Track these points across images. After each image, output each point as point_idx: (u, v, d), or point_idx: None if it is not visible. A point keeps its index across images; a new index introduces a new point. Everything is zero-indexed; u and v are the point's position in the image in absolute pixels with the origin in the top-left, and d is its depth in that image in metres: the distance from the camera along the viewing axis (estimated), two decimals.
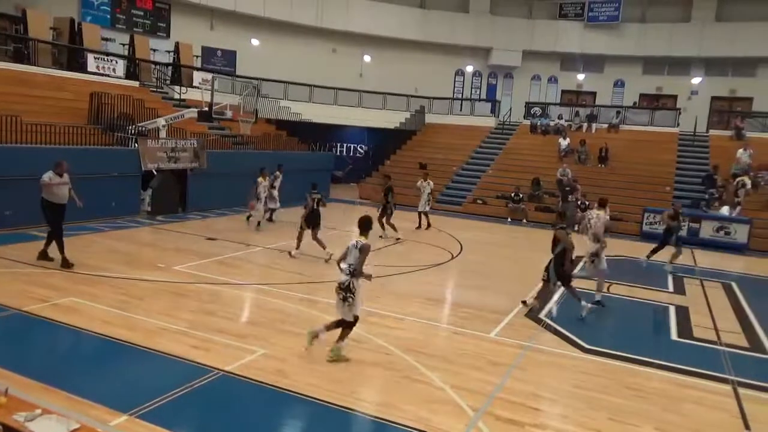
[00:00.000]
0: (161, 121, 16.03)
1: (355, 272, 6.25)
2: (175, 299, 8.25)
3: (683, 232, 17.62)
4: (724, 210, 18.53)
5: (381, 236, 14.09)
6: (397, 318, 8.19)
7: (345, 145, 30.47)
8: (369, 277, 6.47)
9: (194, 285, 9.05)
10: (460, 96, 32.46)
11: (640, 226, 18.55)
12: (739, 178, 19.83)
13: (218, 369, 5.90)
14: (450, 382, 6.03)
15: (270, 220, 15.61)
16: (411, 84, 29.73)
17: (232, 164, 17.88)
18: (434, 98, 29.71)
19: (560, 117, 27.23)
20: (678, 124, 25.99)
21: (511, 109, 30.39)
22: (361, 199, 22.84)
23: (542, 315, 8.90)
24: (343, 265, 6.38)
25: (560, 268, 8.79)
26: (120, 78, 19.88)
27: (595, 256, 9.69)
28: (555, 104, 30.06)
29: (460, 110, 30.31)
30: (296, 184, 15.83)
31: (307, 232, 11.70)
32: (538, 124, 27.13)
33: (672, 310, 9.79)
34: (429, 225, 16.71)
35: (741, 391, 6.47)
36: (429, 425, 5.10)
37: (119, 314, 7.37)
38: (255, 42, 28.49)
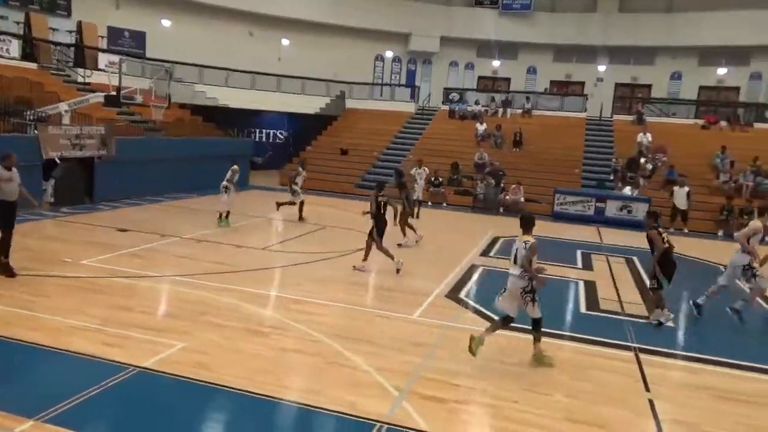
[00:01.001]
0: (63, 106, 14.99)
1: (528, 273, 6.26)
2: (85, 295, 7.82)
3: (590, 212, 18.77)
4: (626, 190, 19.84)
5: (400, 244, 12.42)
6: (321, 304, 8.19)
7: (264, 131, 29.83)
8: (543, 279, 6.47)
9: (106, 279, 8.62)
10: (380, 81, 32.60)
11: (552, 207, 19.48)
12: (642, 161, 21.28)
13: (134, 365, 5.67)
14: (375, 364, 6.12)
15: (301, 218, 14.74)
16: (331, 69, 29.50)
17: (143, 152, 17.03)
18: (354, 83, 29.69)
19: (477, 102, 28.00)
20: (585, 110, 27.45)
21: (430, 94, 30.91)
22: (283, 185, 22.50)
23: (462, 294, 9.18)
24: (516, 271, 6.36)
25: (666, 270, 8.32)
26: (15, 59, 18.39)
27: None
28: (472, 90, 30.86)
29: (381, 95, 30.47)
30: (213, 172, 15.30)
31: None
32: (456, 109, 27.76)
33: (581, 285, 10.41)
34: (418, 215, 16.11)
35: (642, 356, 7.00)
36: (355, 408, 5.17)
37: (24, 314, 6.90)
38: (166, 23, 27.17)
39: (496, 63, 33.13)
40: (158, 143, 18.16)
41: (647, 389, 6.09)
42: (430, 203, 20.34)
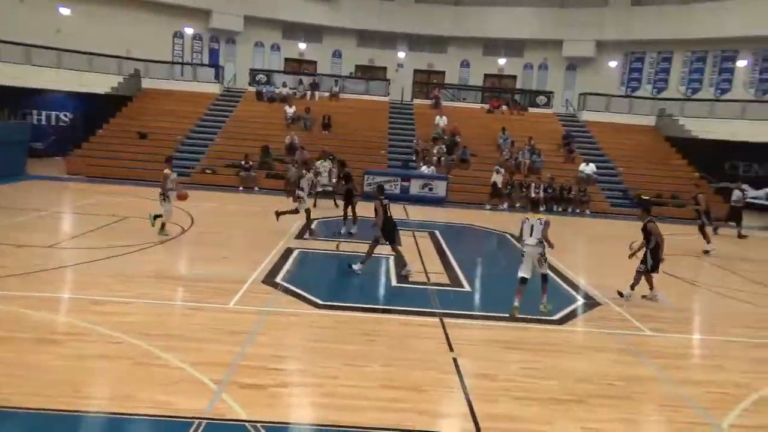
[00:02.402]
0: None
1: (547, 242, 8.19)
2: None
3: (396, 191, 19.89)
4: (424, 169, 21.43)
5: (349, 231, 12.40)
6: (124, 302, 7.52)
7: (45, 112, 26.09)
8: (552, 244, 8.27)
9: None
10: (180, 60, 30.60)
11: (362, 188, 20.22)
12: (438, 146, 23.08)
13: None
14: (189, 359, 5.83)
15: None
16: (123, 44, 26.88)
17: None
18: (151, 61, 27.42)
19: (285, 85, 27.78)
20: (388, 94, 28.89)
21: (235, 75, 29.86)
22: (70, 174, 20.06)
23: (279, 279, 9.15)
24: (533, 241, 8.14)
25: (657, 258, 9.20)
26: None
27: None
28: (279, 72, 30.54)
29: (182, 75, 28.63)
30: None
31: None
32: (264, 91, 27.26)
33: (391, 260, 11.02)
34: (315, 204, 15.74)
35: (446, 320, 7.69)
36: (171, 408, 4.88)
37: None
38: None
39: (302, 45, 33.14)
40: None
41: (451, 349, 6.72)
42: (241, 188, 19.80)
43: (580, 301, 9.14)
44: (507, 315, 8.06)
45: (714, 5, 27.70)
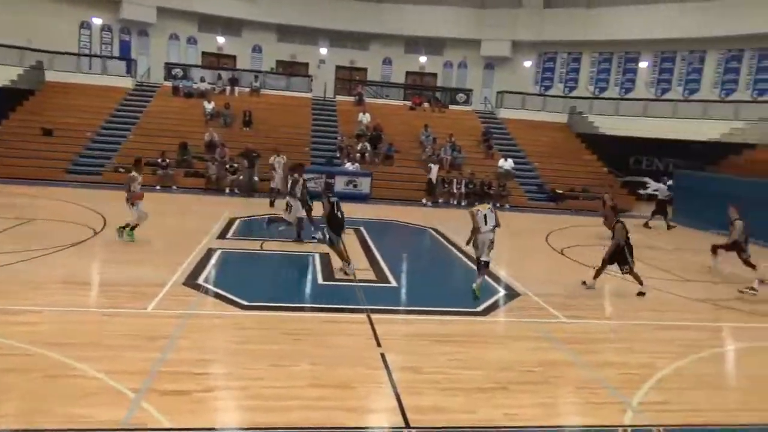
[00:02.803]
0: None
1: (499, 227, 9.07)
2: None
3: (320, 188, 19.74)
4: (348, 165, 21.46)
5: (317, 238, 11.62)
6: (33, 311, 7.03)
7: None
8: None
9: None
10: (88, 52, 28.89)
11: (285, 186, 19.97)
12: (362, 144, 23.15)
13: None
14: (105, 369, 5.53)
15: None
16: (24, 34, 25.00)
17: None
18: (56, 53, 25.69)
19: (203, 80, 26.89)
20: (311, 90, 28.63)
21: (149, 69, 28.57)
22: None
23: (201, 280, 8.87)
24: (488, 227, 8.86)
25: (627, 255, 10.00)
26: None
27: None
28: (196, 66, 29.51)
29: (90, 68, 27.04)
30: None
31: None
32: (181, 86, 26.26)
33: (317, 258, 10.97)
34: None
35: (373, 316, 7.74)
36: (87, 421, 4.61)
37: None
38: None
39: (220, 39, 32.18)
40: None
41: (379, 345, 6.78)
42: (158, 187, 18.99)
43: (502, 292, 9.48)
44: (431, 309, 8.24)
45: (617, 10, 29.44)
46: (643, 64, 30.65)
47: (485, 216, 8.95)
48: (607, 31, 29.73)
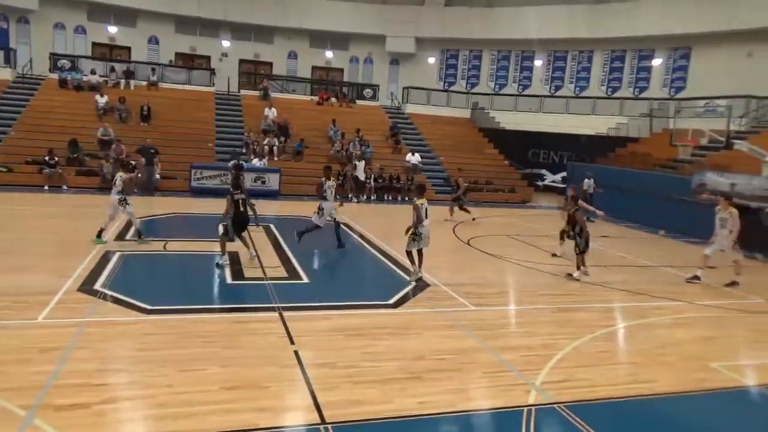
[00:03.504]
0: None
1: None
2: None
3: (228, 185, 19.18)
4: (256, 162, 20.98)
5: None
6: None
7: None
8: None
9: None
10: None
11: (189, 182, 19.19)
12: (268, 139, 22.68)
13: None
14: None
15: None
16: None
17: None
18: None
19: (94, 72, 25.16)
20: (213, 84, 27.64)
21: (31, 60, 26.32)
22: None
23: (99, 285, 8.33)
24: (428, 220, 9.52)
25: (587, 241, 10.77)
26: None
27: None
28: (87, 57, 27.56)
29: None
30: None
31: None
32: (69, 78, 24.41)
33: (225, 257, 10.61)
34: None
35: (285, 314, 7.63)
36: None
37: None
38: None
39: (112, 29, 30.25)
40: None
41: (292, 342, 6.69)
42: (46, 187, 17.59)
43: (413, 284, 9.66)
44: (343, 303, 8.27)
45: (514, 10, 30.79)
46: (538, 63, 32.30)
47: (426, 209, 9.60)
48: (505, 30, 31.04)
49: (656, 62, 28.75)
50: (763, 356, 7.60)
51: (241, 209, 10.06)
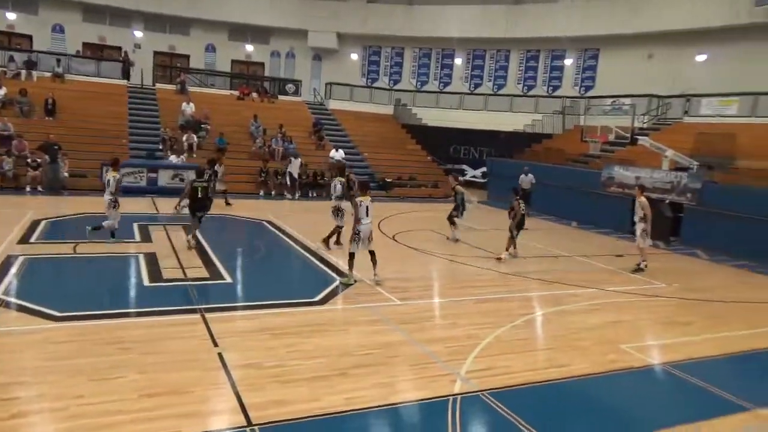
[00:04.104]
0: None
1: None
2: None
3: (143, 183, 18.40)
4: (173, 159, 20.17)
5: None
6: None
7: None
8: None
9: None
10: None
11: (100, 181, 18.12)
12: (187, 134, 21.86)
13: None
14: None
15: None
16: None
17: None
18: None
19: None
20: (129, 77, 26.27)
21: None
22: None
23: (0, 293, 7.73)
24: (368, 219, 9.26)
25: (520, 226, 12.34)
26: None
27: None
28: None
29: None
30: None
31: None
32: None
33: (142, 258, 10.16)
34: None
35: (207, 315, 7.41)
36: None
37: None
38: None
39: (11, 16, 28.07)
40: None
41: (215, 344, 6.51)
42: None
43: (338, 280, 9.65)
44: (268, 302, 8.14)
45: (434, 8, 31.34)
46: (458, 61, 33.05)
47: (367, 207, 9.30)
48: (426, 28, 31.52)
49: (568, 62, 30.21)
50: (666, 336, 8.20)
51: (200, 196, 11.03)
